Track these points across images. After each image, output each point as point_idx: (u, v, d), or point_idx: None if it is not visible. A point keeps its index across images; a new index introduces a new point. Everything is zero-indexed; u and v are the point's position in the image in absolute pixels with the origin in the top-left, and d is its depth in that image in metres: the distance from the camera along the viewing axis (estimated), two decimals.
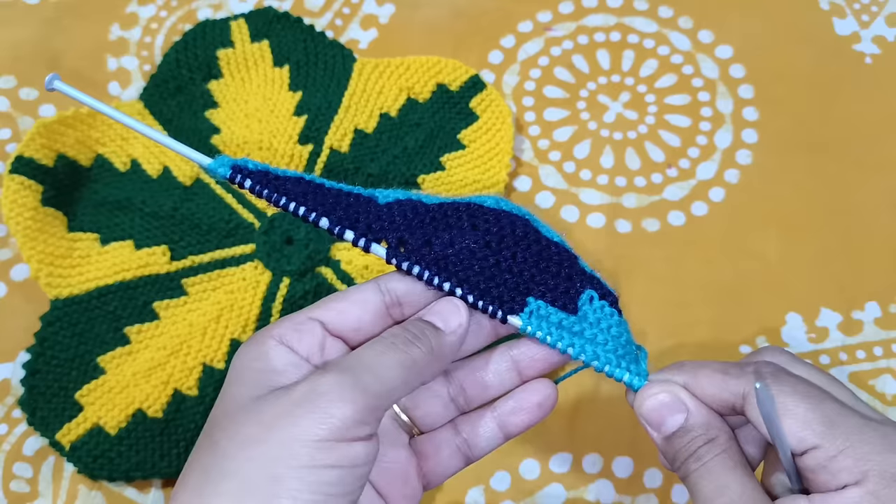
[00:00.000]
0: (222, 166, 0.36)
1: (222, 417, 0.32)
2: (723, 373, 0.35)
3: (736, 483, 0.33)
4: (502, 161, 0.57)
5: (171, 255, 0.54)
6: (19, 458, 0.50)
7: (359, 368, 0.32)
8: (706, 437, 0.34)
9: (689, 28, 0.63)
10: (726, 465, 0.34)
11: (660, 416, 0.35)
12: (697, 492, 0.34)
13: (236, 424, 0.31)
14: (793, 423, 0.32)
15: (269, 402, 0.31)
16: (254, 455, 0.30)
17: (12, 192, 0.54)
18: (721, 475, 0.34)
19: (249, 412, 0.31)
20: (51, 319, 0.52)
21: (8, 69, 0.63)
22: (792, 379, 0.33)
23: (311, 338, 0.34)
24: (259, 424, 0.30)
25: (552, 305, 0.36)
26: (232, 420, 0.31)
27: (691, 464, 0.34)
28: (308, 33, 0.62)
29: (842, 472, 0.32)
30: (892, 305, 0.53)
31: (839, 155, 0.58)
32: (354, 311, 0.35)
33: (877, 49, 0.62)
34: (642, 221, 0.56)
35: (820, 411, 0.32)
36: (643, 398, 0.35)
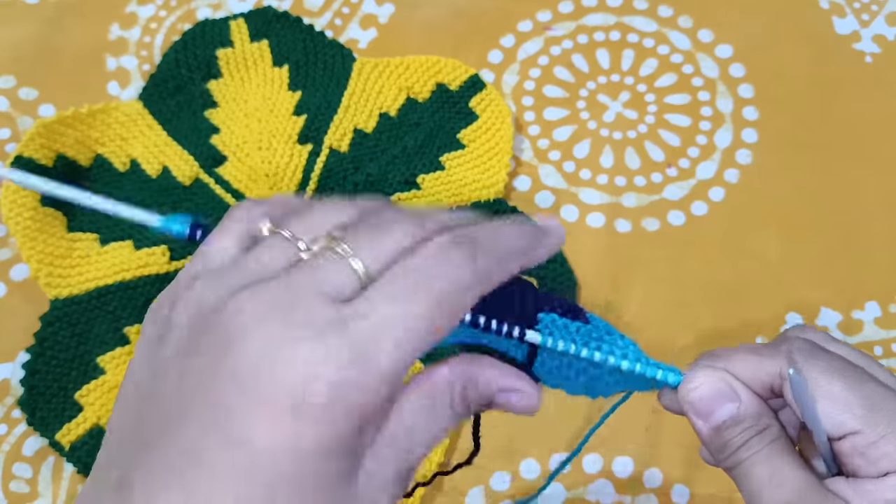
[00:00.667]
0: (179, 224, 0.33)
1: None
2: (756, 354, 0.33)
3: (789, 468, 0.32)
4: (502, 161, 0.57)
5: (170, 255, 0.54)
6: (19, 459, 0.50)
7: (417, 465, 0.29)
8: (758, 427, 0.33)
9: (688, 27, 0.63)
10: (780, 453, 0.32)
11: (710, 406, 0.33)
12: (749, 479, 0.32)
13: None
14: (830, 405, 0.31)
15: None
16: None
17: (12, 192, 0.54)
18: (775, 461, 0.32)
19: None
20: (50, 319, 0.52)
21: (8, 69, 0.63)
22: (828, 357, 0.32)
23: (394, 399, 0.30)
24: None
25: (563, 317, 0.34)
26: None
27: (742, 453, 0.32)
28: (307, 33, 0.62)
29: (883, 458, 0.30)
30: (892, 305, 0.53)
31: (839, 154, 0.58)
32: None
33: (877, 48, 0.62)
34: (642, 221, 0.56)
35: (860, 392, 0.31)
36: (691, 387, 0.33)
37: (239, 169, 0.57)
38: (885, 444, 0.30)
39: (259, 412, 0.26)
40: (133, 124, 0.59)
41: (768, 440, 0.32)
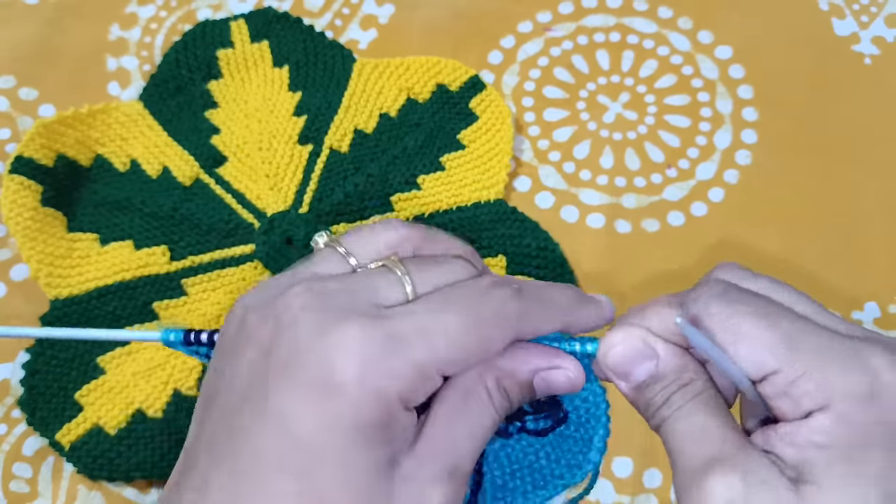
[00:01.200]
0: (175, 334, 0.35)
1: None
2: (670, 306, 0.32)
3: (712, 423, 0.30)
4: (502, 161, 0.57)
5: (170, 255, 0.54)
6: (19, 459, 0.50)
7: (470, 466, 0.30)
8: (679, 382, 0.31)
9: (688, 28, 0.63)
10: (701, 408, 0.31)
11: (627, 367, 0.32)
12: (672, 437, 0.31)
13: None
14: (748, 346, 0.29)
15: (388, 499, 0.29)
16: None
17: (12, 192, 0.54)
18: (698, 417, 0.30)
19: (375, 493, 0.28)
20: (50, 319, 0.52)
21: (8, 69, 0.63)
22: (746, 296, 0.30)
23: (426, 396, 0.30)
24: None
25: None
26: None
27: (664, 410, 0.31)
28: (308, 34, 0.62)
29: (804, 397, 0.28)
30: (891, 306, 0.53)
31: (839, 155, 0.58)
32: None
33: (876, 50, 0.62)
34: (642, 222, 0.56)
35: (778, 330, 0.29)
36: (607, 348, 0.32)
37: (239, 169, 0.57)
38: (805, 381, 0.28)
39: (295, 389, 0.28)
40: (133, 124, 0.59)
41: (690, 395, 0.31)
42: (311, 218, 0.55)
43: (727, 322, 0.29)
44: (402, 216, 0.55)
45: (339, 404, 0.28)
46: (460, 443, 0.30)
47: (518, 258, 0.53)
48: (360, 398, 0.28)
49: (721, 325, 0.30)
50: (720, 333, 0.29)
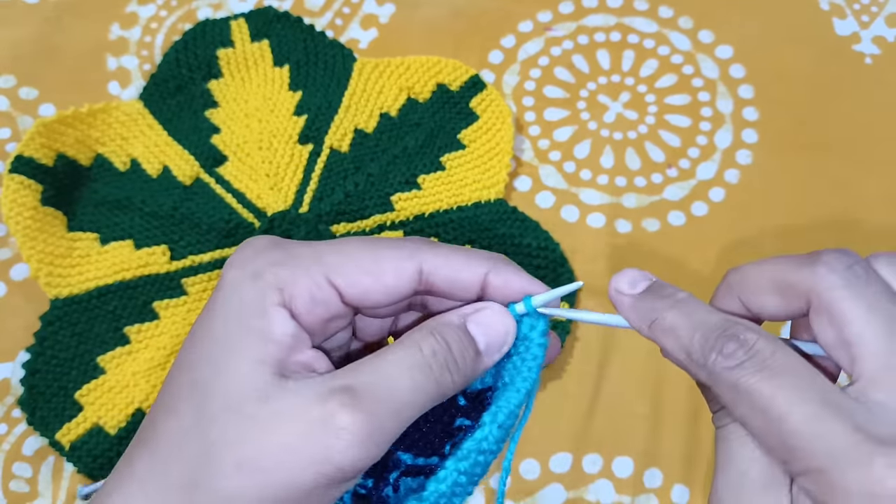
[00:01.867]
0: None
1: (222, 397, 0.28)
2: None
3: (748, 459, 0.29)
4: (502, 161, 0.57)
5: (171, 254, 0.54)
6: (19, 458, 0.50)
7: (384, 404, 0.28)
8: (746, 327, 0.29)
9: (689, 28, 0.63)
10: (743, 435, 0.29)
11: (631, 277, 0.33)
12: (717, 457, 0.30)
13: (237, 425, 0.28)
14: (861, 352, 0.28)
15: (275, 414, 0.28)
16: (248, 483, 0.27)
17: (12, 191, 0.54)
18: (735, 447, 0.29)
19: (252, 418, 0.28)
20: (50, 319, 0.52)
21: (8, 69, 0.63)
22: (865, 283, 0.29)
23: (324, 311, 0.30)
24: (261, 448, 0.27)
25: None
26: (234, 414, 0.28)
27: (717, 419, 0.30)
28: (308, 33, 0.62)
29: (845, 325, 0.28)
30: None
31: (839, 155, 0.58)
32: (381, 287, 0.31)
33: (877, 49, 0.62)
34: (642, 221, 0.56)
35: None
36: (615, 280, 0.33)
37: (239, 169, 0.57)
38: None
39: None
40: (134, 124, 0.59)
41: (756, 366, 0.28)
42: (311, 217, 0.55)
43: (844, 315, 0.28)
44: (403, 216, 0.55)
45: (217, 291, 0.30)
46: (365, 373, 0.29)
47: (518, 258, 0.53)
48: (234, 279, 0.30)
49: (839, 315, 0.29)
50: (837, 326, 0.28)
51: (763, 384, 0.27)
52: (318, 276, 0.30)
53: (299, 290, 0.30)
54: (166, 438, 0.29)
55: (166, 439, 0.29)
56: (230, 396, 0.28)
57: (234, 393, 0.28)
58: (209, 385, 0.29)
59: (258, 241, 0.31)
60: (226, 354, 0.29)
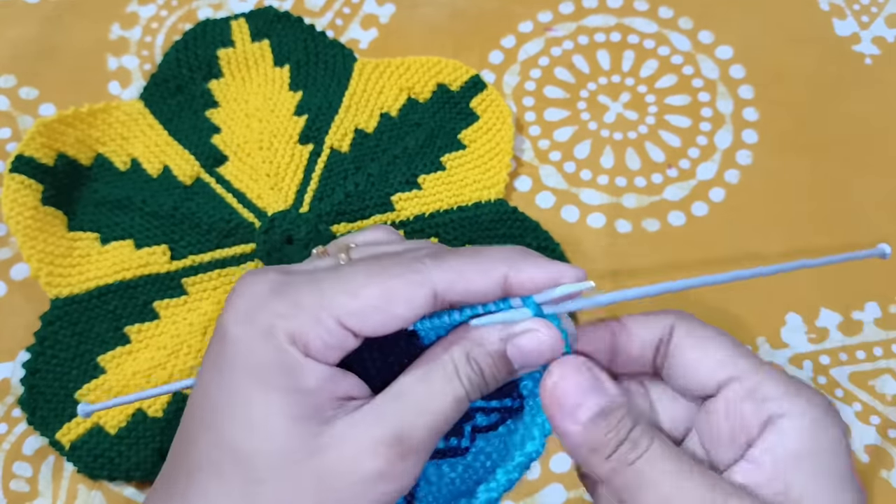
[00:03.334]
0: None
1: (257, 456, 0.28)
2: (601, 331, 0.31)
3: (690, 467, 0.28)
4: (503, 161, 0.57)
5: (171, 254, 0.54)
6: (19, 458, 0.50)
7: (430, 437, 0.28)
8: (634, 413, 0.29)
9: (689, 29, 0.63)
10: (671, 449, 0.29)
11: (575, 398, 0.29)
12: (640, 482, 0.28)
13: (284, 481, 0.28)
14: (710, 358, 0.30)
15: (325, 470, 0.27)
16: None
17: (12, 191, 0.53)
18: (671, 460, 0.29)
19: (303, 476, 0.28)
20: (51, 319, 0.52)
21: (8, 68, 0.63)
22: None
23: (339, 352, 0.29)
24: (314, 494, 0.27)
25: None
26: (277, 470, 0.28)
27: (629, 454, 0.29)
28: (308, 33, 0.62)
29: (769, 401, 0.29)
30: (891, 305, 0.53)
31: (839, 155, 0.58)
32: (394, 319, 0.29)
33: (877, 50, 0.62)
34: (642, 222, 0.56)
35: (731, 348, 0.31)
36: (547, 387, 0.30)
37: (240, 169, 0.57)
38: (769, 386, 0.29)
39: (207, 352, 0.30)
40: (134, 124, 0.59)
41: (651, 432, 0.29)
42: (311, 217, 0.55)
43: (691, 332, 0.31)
44: (403, 216, 0.55)
45: (226, 347, 0.29)
46: (411, 411, 0.28)
47: None
48: (243, 337, 0.29)
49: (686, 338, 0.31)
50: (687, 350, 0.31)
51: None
52: (328, 322, 0.29)
53: (312, 339, 0.29)
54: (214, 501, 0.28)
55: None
56: (276, 457, 0.28)
57: (279, 452, 0.28)
58: (249, 447, 0.28)
59: (256, 285, 0.30)
60: (256, 415, 0.28)
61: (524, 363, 0.30)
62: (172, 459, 0.30)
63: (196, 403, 0.30)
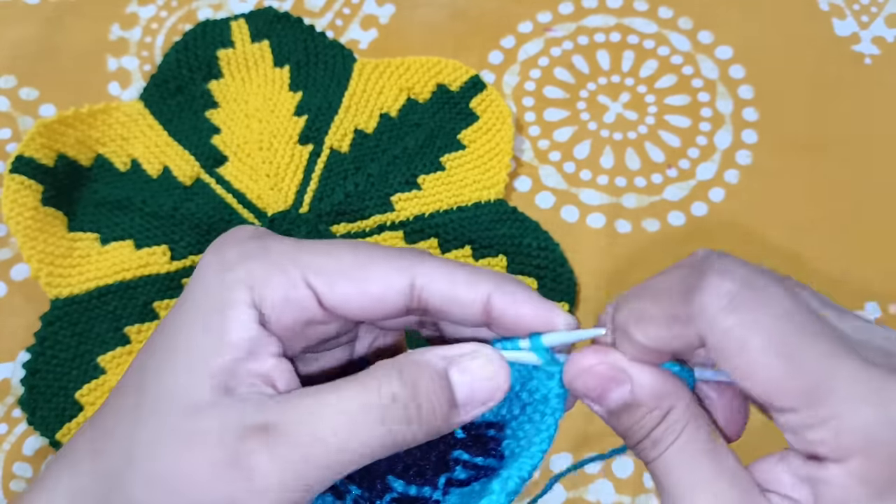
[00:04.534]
0: None
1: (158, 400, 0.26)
2: (668, 321, 0.26)
3: (706, 478, 0.26)
4: (502, 161, 0.57)
5: (171, 254, 0.54)
6: (19, 458, 0.50)
7: (307, 452, 0.25)
8: (660, 412, 0.27)
9: (688, 29, 0.63)
10: (690, 454, 0.27)
11: (600, 391, 0.28)
12: (664, 486, 0.27)
13: (159, 435, 0.26)
14: (760, 380, 0.25)
15: (195, 434, 0.25)
16: (153, 501, 0.26)
17: (12, 191, 0.54)
18: (686, 469, 0.27)
19: (175, 433, 0.26)
20: (51, 319, 0.52)
21: (8, 69, 0.63)
22: (758, 309, 0.26)
23: (298, 313, 0.27)
24: (171, 470, 0.25)
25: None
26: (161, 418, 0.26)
27: (650, 451, 0.28)
28: (308, 33, 0.62)
29: (819, 444, 0.25)
30: (892, 305, 0.53)
31: (838, 155, 0.58)
32: (364, 296, 0.27)
33: (876, 50, 0.62)
34: (642, 222, 0.56)
35: (796, 363, 0.25)
36: (573, 373, 0.28)
37: (240, 169, 0.57)
38: (821, 429, 0.25)
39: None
40: (134, 124, 0.59)
41: (675, 434, 0.27)
42: (311, 218, 0.55)
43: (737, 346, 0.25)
44: (403, 216, 0.55)
45: (192, 280, 0.28)
46: (302, 410, 0.26)
47: (518, 258, 0.53)
48: (205, 269, 0.28)
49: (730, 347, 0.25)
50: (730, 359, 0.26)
51: (767, 321, 0.25)
52: (293, 274, 0.27)
53: (271, 288, 0.27)
54: (102, 430, 0.27)
55: (102, 431, 0.27)
56: (163, 402, 0.26)
57: (167, 399, 0.26)
58: (151, 384, 0.27)
59: (242, 230, 0.29)
60: (175, 353, 0.27)
61: (469, 393, 0.27)
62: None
63: (153, 332, 0.29)
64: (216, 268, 0.28)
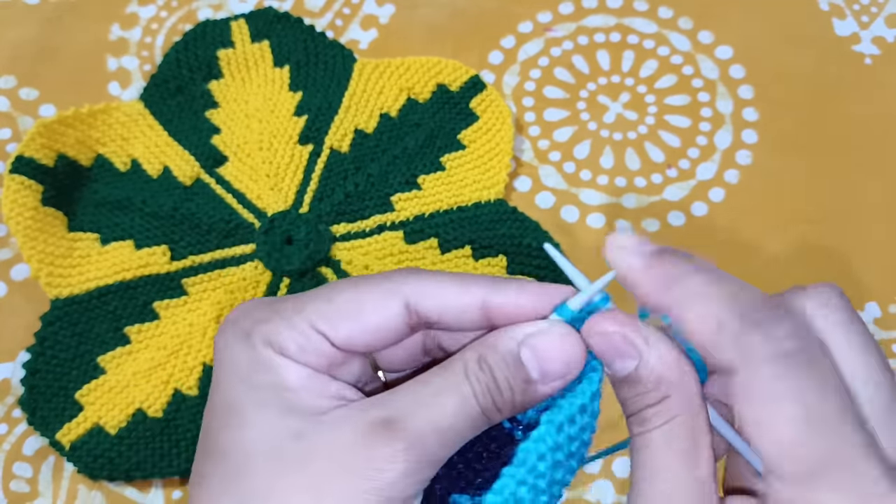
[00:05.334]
0: None
1: (247, 451, 0.27)
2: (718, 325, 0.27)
3: (672, 470, 0.27)
4: (502, 161, 0.57)
5: (171, 254, 0.54)
6: (19, 458, 0.50)
7: (427, 429, 0.27)
8: (657, 394, 0.28)
9: (688, 29, 0.63)
10: (668, 442, 0.27)
11: (609, 355, 0.28)
12: (633, 463, 0.28)
13: (273, 468, 0.27)
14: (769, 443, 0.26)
15: (311, 451, 0.27)
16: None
17: (12, 191, 0.54)
18: (658, 454, 0.27)
19: (287, 459, 0.27)
20: (51, 319, 0.52)
21: (8, 69, 0.63)
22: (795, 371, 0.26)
23: (316, 358, 0.29)
24: (299, 485, 0.26)
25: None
26: (265, 460, 0.27)
27: (636, 426, 0.28)
28: (308, 34, 0.62)
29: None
30: (892, 306, 0.53)
31: (839, 155, 0.58)
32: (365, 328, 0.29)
33: (876, 50, 0.62)
34: (642, 222, 0.56)
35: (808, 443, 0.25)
36: (589, 331, 0.28)
37: (240, 169, 0.57)
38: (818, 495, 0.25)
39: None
40: (134, 124, 0.59)
41: (663, 419, 0.27)
42: (311, 218, 0.55)
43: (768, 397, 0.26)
44: (403, 216, 0.55)
45: (217, 356, 0.29)
46: (406, 399, 0.27)
47: (518, 258, 0.53)
48: (228, 342, 0.29)
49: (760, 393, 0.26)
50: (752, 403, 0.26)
51: (809, 390, 0.25)
52: (301, 325, 0.29)
53: (285, 341, 0.28)
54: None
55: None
56: (258, 446, 0.27)
57: (263, 442, 0.27)
58: (233, 441, 0.28)
59: (248, 302, 0.31)
60: (242, 412, 0.28)
61: (542, 370, 0.28)
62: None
63: (204, 419, 0.30)
64: (237, 339, 0.29)
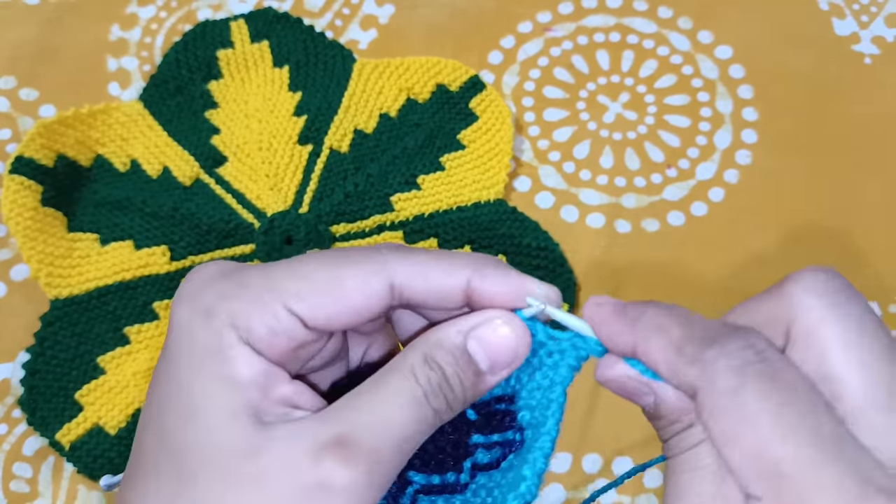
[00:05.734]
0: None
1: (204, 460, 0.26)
2: (676, 350, 0.26)
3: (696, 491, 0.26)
4: (502, 161, 0.57)
5: (170, 255, 0.54)
6: (19, 458, 0.50)
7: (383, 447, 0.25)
8: (681, 424, 0.27)
9: (688, 28, 0.63)
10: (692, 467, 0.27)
11: (630, 394, 0.28)
12: (668, 480, 0.28)
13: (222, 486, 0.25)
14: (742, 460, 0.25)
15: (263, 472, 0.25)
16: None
17: (12, 192, 0.54)
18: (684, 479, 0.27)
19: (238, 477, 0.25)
20: (51, 319, 0.52)
21: (8, 69, 0.63)
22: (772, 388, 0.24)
23: (286, 342, 0.27)
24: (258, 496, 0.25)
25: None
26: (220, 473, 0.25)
27: (667, 451, 0.28)
28: (308, 34, 0.62)
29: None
30: (891, 306, 0.53)
31: (838, 155, 0.58)
32: (346, 309, 0.27)
33: (876, 49, 0.62)
34: (642, 222, 0.56)
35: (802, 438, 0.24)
36: (603, 377, 0.29)
37: (239, 169, 0.57)
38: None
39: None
40: (134, 125, 0.59)
41: (689, 445, 0.27)
42: (310, 218, 0.55)
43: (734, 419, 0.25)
44: (402, 216, 0.55)
45: (171, 332, 0.27)
46: (358, 414, 0.26)
47: (518, 258, 0.53)
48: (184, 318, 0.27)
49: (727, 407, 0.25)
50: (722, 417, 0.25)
51: (770, 396, 0.24)
52: (274, 305, 0.27)
53: (255, 324, 0.26)
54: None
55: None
56: (208, 453, 0.26)
57: (212, 449, 0.26)
58: (183, 441, 0.26)
59: (206, 269, 0.28)
60: (194, 406, 0.26)
61: (491, 361, 0.28)
62: (130, 457, 0.29)
63: (148, 395, 0.28)
64: (197, 316, 0.27)
